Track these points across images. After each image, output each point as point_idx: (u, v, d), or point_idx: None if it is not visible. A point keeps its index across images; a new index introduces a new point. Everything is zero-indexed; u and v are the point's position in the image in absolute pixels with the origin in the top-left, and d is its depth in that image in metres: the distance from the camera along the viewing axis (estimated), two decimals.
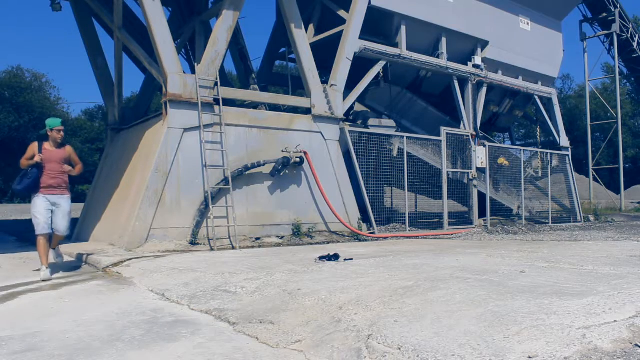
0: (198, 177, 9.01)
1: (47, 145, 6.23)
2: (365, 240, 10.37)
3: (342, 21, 11.62)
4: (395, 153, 11.78)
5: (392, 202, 13.47)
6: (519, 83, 15.61)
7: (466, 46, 14.10)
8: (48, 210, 6.09)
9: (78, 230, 11.10)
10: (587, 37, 25.04)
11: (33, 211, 6.08)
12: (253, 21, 75.74)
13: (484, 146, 13.69)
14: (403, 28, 12.42)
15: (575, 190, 16.73)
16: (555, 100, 17.13)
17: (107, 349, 3.18)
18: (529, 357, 2.52)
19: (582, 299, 3.53)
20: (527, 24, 15.66)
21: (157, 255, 7.53)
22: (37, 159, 6.02)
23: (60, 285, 5.35)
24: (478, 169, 13.48)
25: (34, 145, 6.21)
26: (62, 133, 6.33)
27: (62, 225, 6.25)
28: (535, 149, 16.48)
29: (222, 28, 9.48)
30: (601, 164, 34.65)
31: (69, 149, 6.44)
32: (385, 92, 13.20)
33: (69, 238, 5.11)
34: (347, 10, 11.45)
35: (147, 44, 10.34)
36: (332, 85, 10.96)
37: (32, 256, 7.63)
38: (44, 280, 5.68)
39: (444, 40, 13.38)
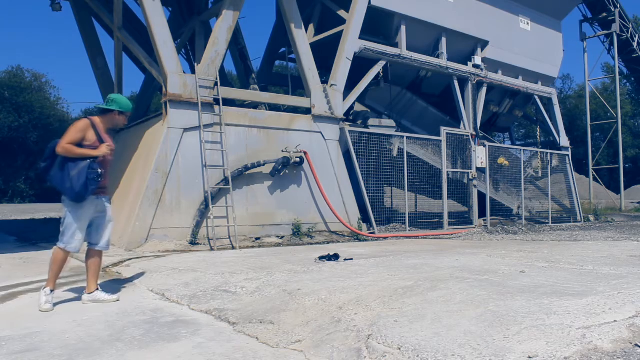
0: (198, 177, 9.01)
1: (102, 129, 4.48)
2: (365, 240, 10.37)
3: (342, 21, 11.62)
4: (395, 153, 11.78)
5: (392, 202, 13.47)
6: (519, 83, 15.62)
7: (466, 46, 14.10)
8: (89, 221, 4.57)
9: None
10: (587, 37, 25.02)
11: (73, 221, 4.37)
12: (253, 21, 75.74)
13: (484, 146, 13.69)
14: (403, 28, 12.43)
15: (575, 190, 16.73)
16: (555, 100, 17.14)
17: (107, 349, 3.18)
18: (529, 357, 2.52)
19: (582, 299, 3.52)
20: (527, 23, 15.66)
21: (157, 255, 7.54)
22: (106, 149, 4.38)
23: (60, 285, 5.34)
24: (478, 169, 13.48)
25: (87, 126, 4.34)
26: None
27: (106, 238, 4.72)
28: (535, 149, 16.48)
29: (222, 28, 9.48)
30: (601, 164, 34.64)
31: None
32: (385, 92, 13.20)
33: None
34: (347, 10, 11.45)
35: (147, 44, 10.35)
36: (332, 85, 10.96)
37: (32, 256, 7.64)
38: (45, 311, 4.18)
39: (444, 40, 13.38)
